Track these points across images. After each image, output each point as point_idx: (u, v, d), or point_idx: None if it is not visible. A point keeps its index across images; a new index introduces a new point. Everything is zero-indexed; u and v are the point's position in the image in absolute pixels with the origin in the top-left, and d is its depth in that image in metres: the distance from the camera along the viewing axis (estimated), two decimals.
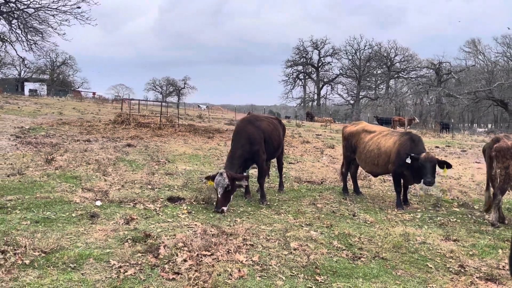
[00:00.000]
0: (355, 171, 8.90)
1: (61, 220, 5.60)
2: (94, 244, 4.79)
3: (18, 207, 6.02)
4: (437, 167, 7.27)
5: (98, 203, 6.49)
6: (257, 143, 7.04)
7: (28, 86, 78.86)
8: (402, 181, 7.77)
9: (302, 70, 75.44)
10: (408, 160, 7.25)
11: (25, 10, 14.61)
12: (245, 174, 6.56)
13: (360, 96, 72.20)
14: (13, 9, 14.73)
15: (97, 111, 29.63)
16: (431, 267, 4.81)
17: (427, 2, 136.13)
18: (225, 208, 6.37)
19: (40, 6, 14.34)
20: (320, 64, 74.09)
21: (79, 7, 15.02)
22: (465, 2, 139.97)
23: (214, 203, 6.80)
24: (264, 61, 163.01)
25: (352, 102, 74.61)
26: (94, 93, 76.74)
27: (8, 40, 33.98)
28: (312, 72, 75.82)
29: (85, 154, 10.85)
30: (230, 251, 4.78)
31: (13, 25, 17.44)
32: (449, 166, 7.35)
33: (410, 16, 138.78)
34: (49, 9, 14.52)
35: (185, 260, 4.47)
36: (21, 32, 26.62)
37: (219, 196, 6.31)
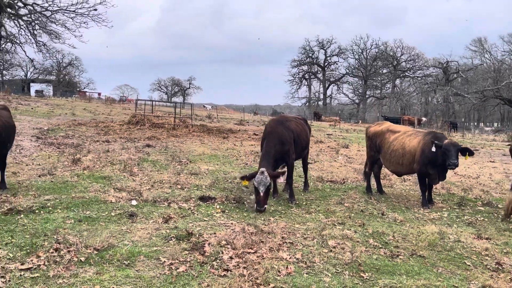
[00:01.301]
0: (378, 170, 9.00)
1: (102, 219, 5.76)
2: (140, 242, 4.94)
3: (58, 206, 6.19)
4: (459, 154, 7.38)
5: (134, 202, 6.65)
6: (287, 143, 7.18)
7: (34, 87, 79.31)
8: (427, 180, 7.86)
9: (308, 70, 75.50)
10: (433, 148, 7.35)
11: (43, 12, 14.75)
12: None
13: (367, 96, 72.15)
14: (31, 12, 14.90)
15: (108, 112, 29.86)
16: (469, 265, 4.91)
17: (426, 2, 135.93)
18: (266, 207, 6.53)
19: (58, 8, 14.48)
20: (326, 63, 74.11)
21: (95, 9, 15.11)
22: (466, 1, 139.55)
23: (248, 202, 6.92)
24: (265, 61, 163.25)
25: (357, 101, 74.63)
26: (99, 94, 77.09)
27: (18, 42, 34.44)
28: (318, 72, 75.87)
29: (108, 155, 11.02)
30: (272, 249, 4.92)
31: (21, 27, 17.65)
32: (471, 153, 7.48)
33: (409, 16, 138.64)
34: (66, 11, 14.66)
35: (231, 258, 4.61)
36: (30, 34, 26.98)
37: (261, 194, 6.44)
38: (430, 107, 66.48)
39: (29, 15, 14.67)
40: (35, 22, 14.80)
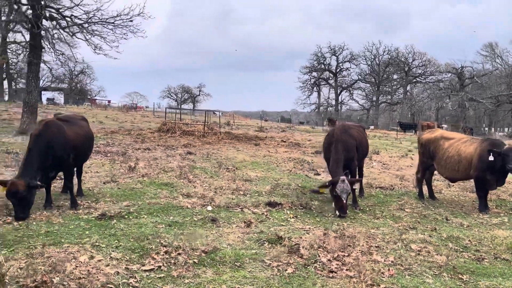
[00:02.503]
0: (430, 177, 9.20)
1: (188, 224, 6.03)
2: (237, 245, 5.19)
3: (141, 212, 6.48)
4: None
5: (209, 208, 6.92)
6: (352, 151, 7.44)
7: (45, 95, 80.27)
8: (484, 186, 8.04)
9: (320, 76, 75.82)
10: (491, 158, 7.53)
11: (83, 25, 15.22)
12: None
13: (380, 102, 72.25)
14: (69, 24, 15.37)
15: (131, 119, 30.38)
16: None
17: (431, 6, 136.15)
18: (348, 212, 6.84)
19: (99, 20, 14.94)
20: (338, 69, 74.42)
21: (131, 20, 15.55)
22: (471, 6, 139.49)
23: (315, 207, 7.15)
24: (270, 67, 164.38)
25: (367, 107, 74.72)
26: (109, 101, 77.87)
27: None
28: (330, 78, 76.15)
29: (157, 162, 11.32)
30: (364, 252, 5.15)
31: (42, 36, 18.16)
32: None
33: (414, 21, 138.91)
34: (107, 23, 15.12)
35: (329, 260, 4.84)
36: (49, 43, 27.55)
37: (344, 201, 6.71)
38: (445, 113, 66.30)
39: (71, 27, 15.10)
40: (75, 33, 15.23)
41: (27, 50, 24.16)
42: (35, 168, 5.70)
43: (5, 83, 55.43)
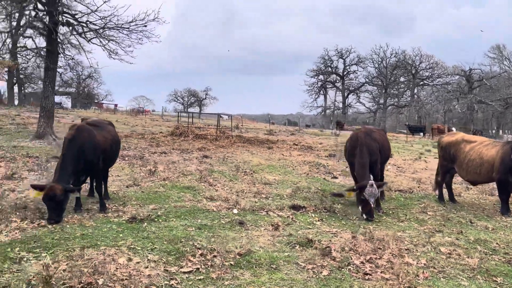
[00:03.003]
0: (450, 180, 9.21)
1: (217, 227, 6.10)
2: (269, 248, 5.26)
3: (169, 215, 6.56)
4: None
5: (235, 211, 7.00)
6: (375, 154, 7.50)
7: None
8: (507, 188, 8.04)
9: (327, 79, 75.88)
10: None
11: (97, 30, 15.43)
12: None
13: (388, 104, 72.12)
14: (84, 29, 15.58)
15: (142, 123, 30.60)
16: None
17: (435, 9, 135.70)
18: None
19: (115, 25, 15.13)
20: (345, 72, 74.48)
21: (145, 25, 15.72)
22: (476, 8, 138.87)
23: (338, 211, 7.21)
24: (275, 71, 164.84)
25: (374, 110, 74.60)
26: (116, 105, 78.44)
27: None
28: (337, 81, 76.19)
29: (175, 166, 11.43)
30: (395, 255, 5.19)
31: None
32: None
33: (418, 23, 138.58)
34: (122, 28, 15.30)
35: (362, 263, 4.90)
36: (60, 48, 27.86)
37: (372, 205, 6.76)
38: (452, 115, 66.03)
39: (87, 33, 15.31)
40: (91, 39, 15.42)
41: (37, 55, 24.55)
42: (69, 172, 5.81)
43: (15, 88, 56.08)
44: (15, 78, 53.02)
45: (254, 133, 29.62)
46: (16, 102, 52.73)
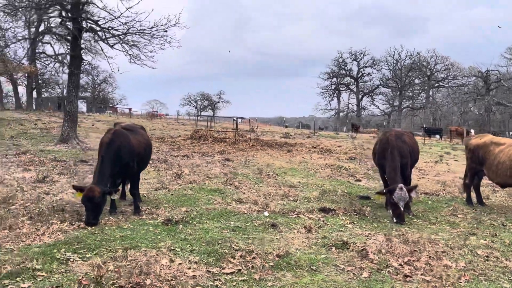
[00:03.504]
0: (478, 182, 9.12)
1: (250, 229, 6.17)
2: (305, 250, 5.31)
3: (202, 217, 6.67)
4: None
5: (266, 213, 7.06)
6: (406, 157, 7.49)
7: None
8: None
9: (340, 82, 75.63)
10: None
11: (119, 36, 15.71)
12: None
13: (402, 107, 71.49)
14: (107, 35, 15.89)
15: (160, 127, 30.97)
16: None
17: (447, 10, 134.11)
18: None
19: (137, 31, 15.40)
20: (359, 75, 74.12)
21: (165, 31, 15.96)
22: (489, 9, 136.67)
23: (368, 213, 7.22)
24: (286, 74, 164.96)
25: (388, 112, 74.02)
26: (130, 109, 79.36)
27: (66, 62, 36.09)
28: (351, 83, 75.88)
29: (200, 169, 11.57)
30: (432, 257, 5.18)
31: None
32: None
33: (430, 25, 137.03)
34: (144, 33, 15.56)
35: (401, 265, 4.90)
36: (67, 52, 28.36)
37: (402, 209, 6.77)
38: (468, 117, 65.07)
39: (109, 39, 15.61)
40: (114, 45, 15.73)
41: (55, 60, 25.04)
42: (107, 175, 5.97)
43: (34, 93, 57.18)
44: (33, 84, 54.06)
45: (270, 136, 29.70)
46: (33, 107, 53.74)
